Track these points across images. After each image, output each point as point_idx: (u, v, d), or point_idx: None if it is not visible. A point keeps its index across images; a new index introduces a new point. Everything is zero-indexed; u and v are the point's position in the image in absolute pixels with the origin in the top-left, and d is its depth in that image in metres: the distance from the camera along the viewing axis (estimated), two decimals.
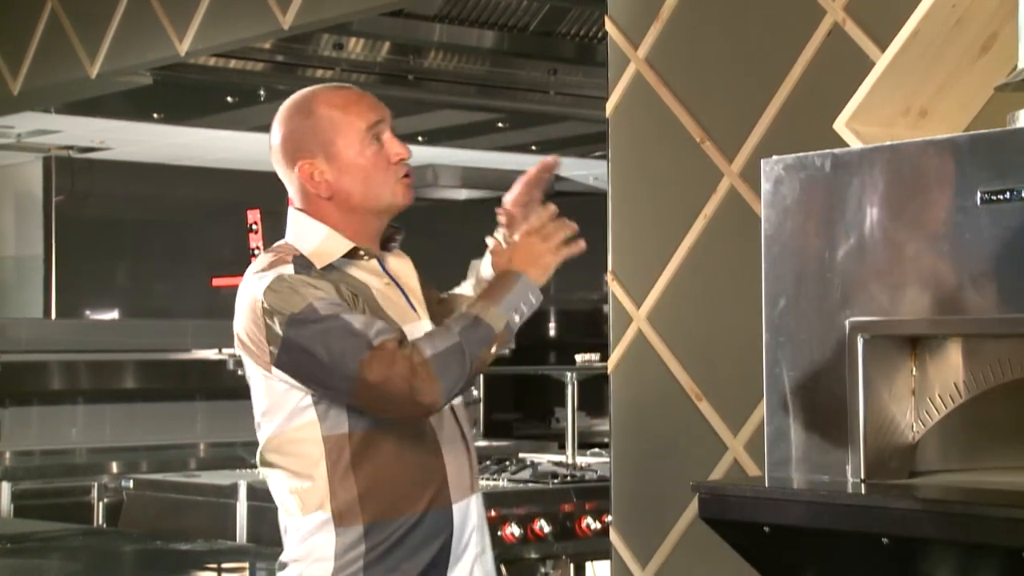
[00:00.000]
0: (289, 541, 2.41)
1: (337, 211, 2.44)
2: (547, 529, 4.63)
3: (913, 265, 1.99)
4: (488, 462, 5.30)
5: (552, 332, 8.83)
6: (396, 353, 2.26)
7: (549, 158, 2.60)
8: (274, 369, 2.35)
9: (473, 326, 2.32)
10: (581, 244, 2.44)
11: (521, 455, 5.63)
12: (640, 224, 3.14)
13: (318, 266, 2.37)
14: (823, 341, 2.08)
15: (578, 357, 5.63)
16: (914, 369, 2.09)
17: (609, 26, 3.19)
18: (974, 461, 2.16)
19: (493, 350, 2.36)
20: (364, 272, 2.42)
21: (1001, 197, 1.89)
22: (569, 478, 4.95)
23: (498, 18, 4.85)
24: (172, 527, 4.72)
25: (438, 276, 2.63)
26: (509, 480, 4.96)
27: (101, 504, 5.70)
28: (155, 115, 6.04)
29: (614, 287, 3.17)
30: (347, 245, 2.41)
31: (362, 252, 2.43)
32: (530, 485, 4.86)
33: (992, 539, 1.82)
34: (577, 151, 7.04)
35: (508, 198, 2.57)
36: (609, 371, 3.19)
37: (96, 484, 5.73)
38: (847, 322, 2.05)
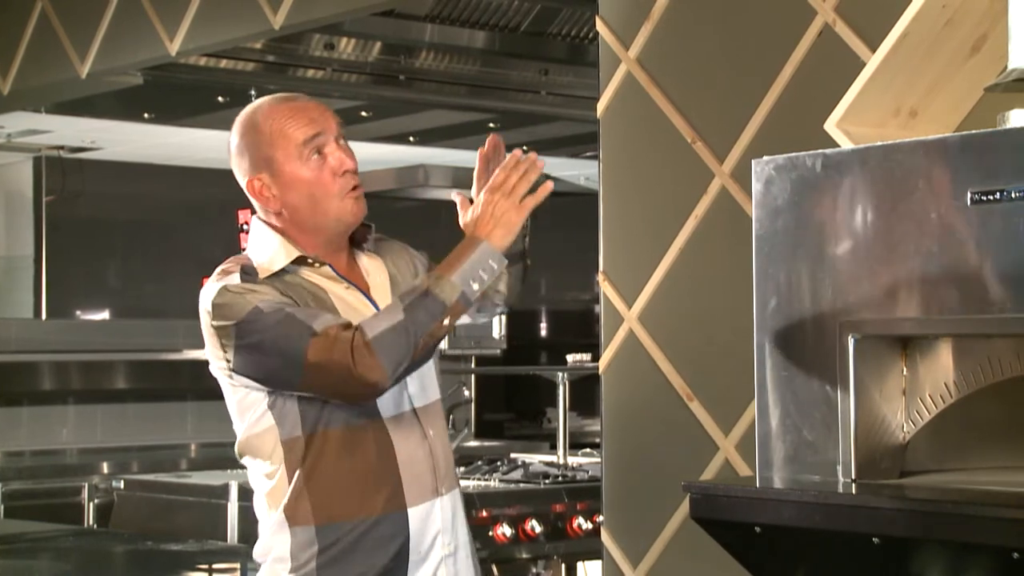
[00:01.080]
0: (259, 538, 2.47)
1: (292, 225, 2.44)
2: (538, 529, 4.63)
3: (904, 265, 1.99)
4: (479, 462, 5.30)
5: (543, 332, 8.83)
6: (339, 336, 2.25)
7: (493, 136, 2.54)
8: (234, 375, 2.39)
9: (420, 301, 2.27)
10: (548, 186, 2.36)
11: (512, 455, 5.63)
12: (631, 224, 3.14)
13: (262, 276, 2.38)
14: (814, 341, 2.08)
15: (569, 357, 5.63)
16: (905, 369, 2.09)
17: (600, 26, 3.19)
18: (964, 461, 2.17)
19: (446, 322, 2.30)
20: (320, 277, 2.43)
21: (991, 197, 1.90)
22: (560, 478, 4.95)
23: (489, 18, 4.85)
24: (163, 528, 4.72)
25: None
26: (500, 480, 4.96)
27: (92, 504, 5.69)
28: (146, 115, 6.03)
29: (605, 287, 3.17)
30: (293, 254, 2.41)
31: (310, 259, 2.42)
32: (521, 485, 4.86)
33: (982, 539, 1.82)
34: (568, 151, 7.04)
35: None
36: (600, 371, 3.19)
37: (87, 484, 5.72)
38: (838, 322, 2.05)
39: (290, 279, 2.40)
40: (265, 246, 2.45)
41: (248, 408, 2.41)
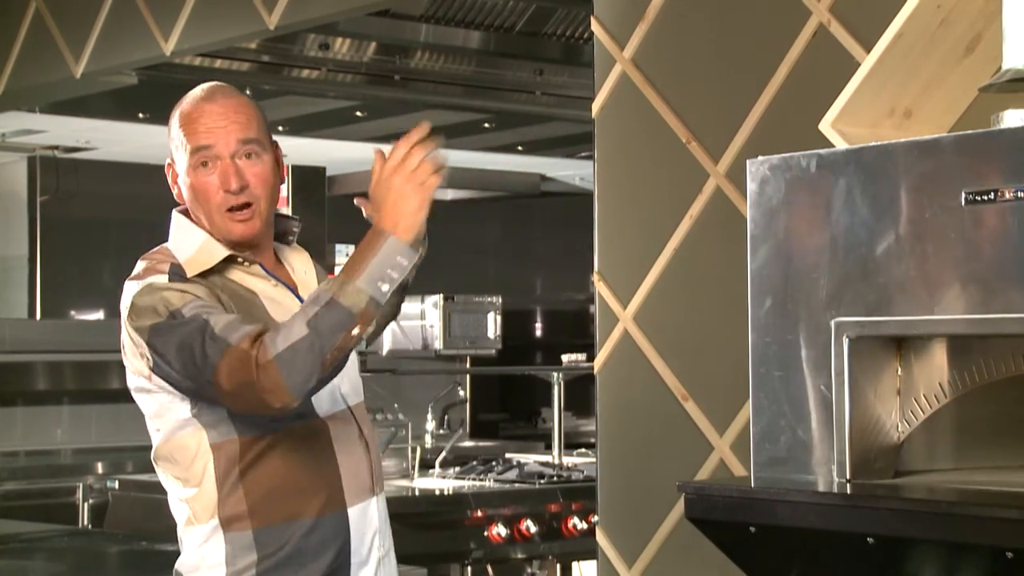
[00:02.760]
0: (183, 550, 2.39)
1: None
2: (533, 529, 4.63)
3: (898, 266, 2.00)
4: (475, 462, 5.31)
5: (538, 333, 8.83)
6: (246, 356, 2.12)
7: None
8: (154, 377, 2.31)
9: (326, 312, 2.10)
10: (443, 162, 2.13)
11: (507, 455, 5.64)
12: (626, 224, 3.14)
13: (190, 274, 2.31)
14: (809, 341, 2.09)
15: (564, 357, 5.63)
16: (899, 369, 2.09)
17: (595, 26, 3.19)
18: (959, 461, 2.17)
19: (356, 332, 2.13)
20: (249, 276, 2.36)
21: (985, 198, 1.90)
22: (555, 478, 4.95)
23: (484, 18, 4.85)
24: (158, 528, 4.71)
25: (424, 275, 2.59)
26: (495, 480, 4.96)
27: (86, 505, 5.68)
28: (140, 115, 6.03)
29: (600, 287, 3.17)
30: (223, 253, 2.33)
31: (240, 259, 2.35)
32: (516, 485, 4.87)
33: (977, 538, 1.83)
34: (563, 151, 7.04)
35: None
36: (595, 371, 3.19)
37: (81, 485, 5.72)
38: (832, 322, 2.06)
39: (217, 280, 2.33)
40: (189, 241, 2.37)
41: (168, 411, 2.32)
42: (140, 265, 2.38)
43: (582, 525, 4.71)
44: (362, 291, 2.12)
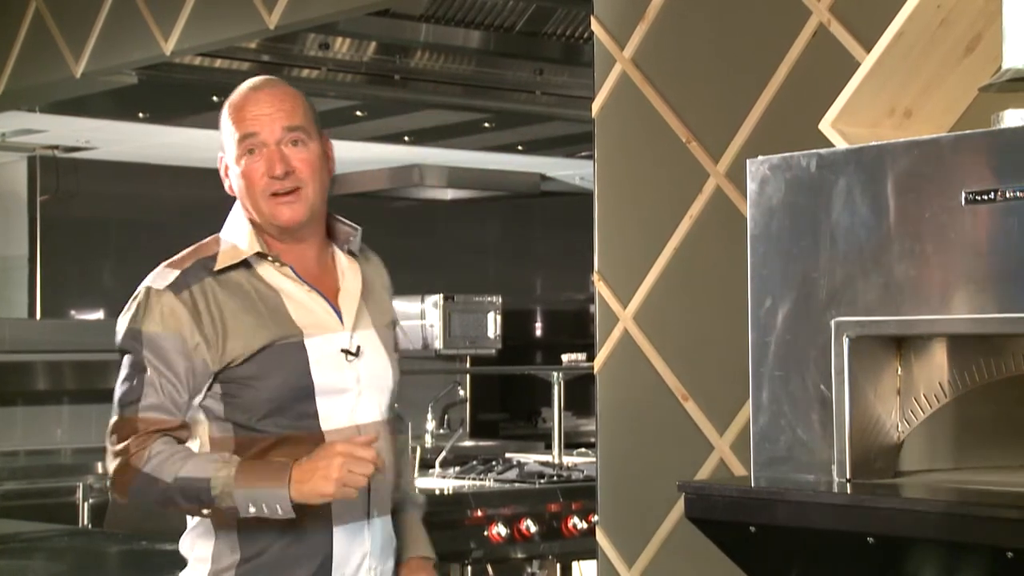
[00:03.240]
0: (184, 537, 2.44)
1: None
2: (533, 529, 4.63)
3: (898, 265, 2.00)
4: (474, 462, 5.30)
5: (538, 332, 8.83)
6: (131, 440, 2.28)
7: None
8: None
9: (194, 484, 2.23)
10: (352, 495, 2.24)
11: (507, 455, 5.64)
12: (626, 224, 3.14)
13: (219, 267, 2.35)
14: (809, 341, 2.09)
15: (564, 357, 5.63)
16: (899, 369, 2.09)
17: (595, 26, 3.19)
18: (959, 461, 2.17)
19: (205, 512, 2.29)
20: (278, 274, 2.38)
21: (985, 197, 1.90)
22: (555, 478, 4.95)
23: (484, 18, 4.85)
24: (158, 528, 4.71)
25: (424, 274, 2.60)
26: (495, 480, 4.96)
27: (86, 505, 5.68)
28: (140, 115, 6.02)
29: (600, 287, 3.17)
30: (253, 250, 2.37)
31: (270, 257, 2.37)
32: (516, 485, 4.87)
33: (977, 538, 1.83)
34: (563, 151, 7.04)
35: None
36: (595, 371, 3.19)
37: (81, 484, 5.71)
38: (832, 322, 2.06)
39: (246, 275, 2.36)
40: (237, 231, 2.41)
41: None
42: (176, 256, 2.44)
43: (582, 525, 4.71)
44: (233, 498, 2.23)
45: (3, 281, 7.41)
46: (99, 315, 7.43)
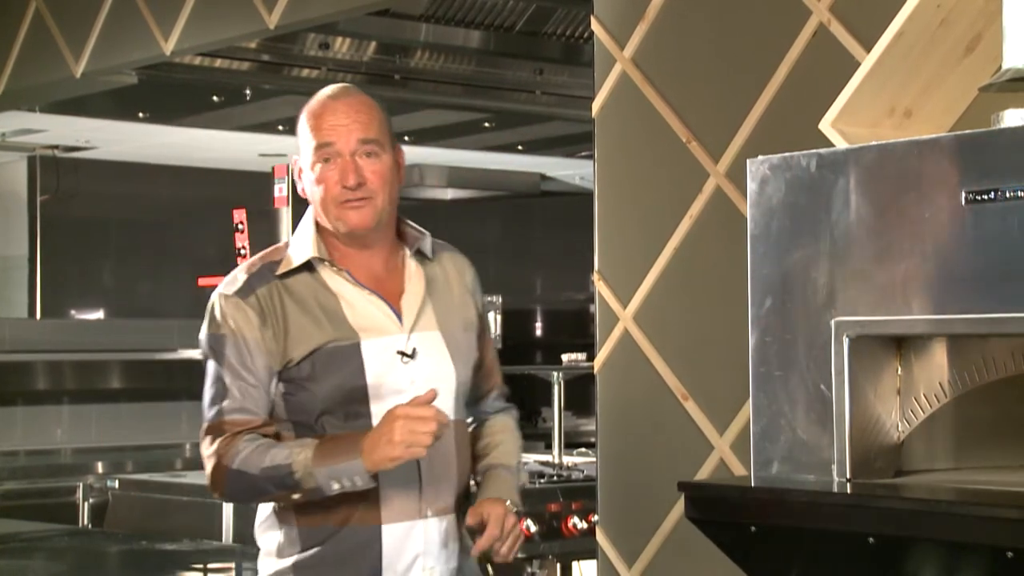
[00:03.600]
0: (256, 527, 2.51)
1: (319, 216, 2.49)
2: (534, 529, 4.63)
3: (898, 265, 2.00)
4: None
5: (538, 332, 8.83)
6: (219, 442, 2.37)
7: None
8: None
9: (279, 472, 2.33)
10: (420, 453, 2.30)
11: None
12: (626, 224, 3.14)
13: (282, 270, 2.43)
14: (809, 341, 2.09)
15: (564, 357, 5.63)
16: (899, 369, 2.09)
17: (595, 26, 3.19)
18: (959, 460, 2.17)
19: (295, 497, 2.36)
20: (337, 278, 2.44)
21: (985, 197, 1.90)
22: (555, 478, 4.95)
23: (484, 18, 4.85)
24: (158, 527, 4.71)
25: None
26: None
27: (86, 504, 5.68)
28: (140, 114, 6.02)
29: (600, 287, 3.17)
30: (310, 254, 2.44)
31: (327, 261, 2.44)
32: None
33: (977, 538, 1.83)
34: (563, 151, 7.04)
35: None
36: (595, 371, 3.19)
37: (81, 484, 5.71)
38: (832, 322, 2.06)
39: (308, 279, 2.43)
40: (302, 237, 2.49)
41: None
42: (248, 261, 2.51)
43: (582, 525, 4.70)
44: (314, 478, 2.32)
45: (3, 281, 7.41)
46: (99, 315, 7.43)
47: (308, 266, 2.44)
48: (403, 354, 2.41)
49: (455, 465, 2.46)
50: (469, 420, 2.60)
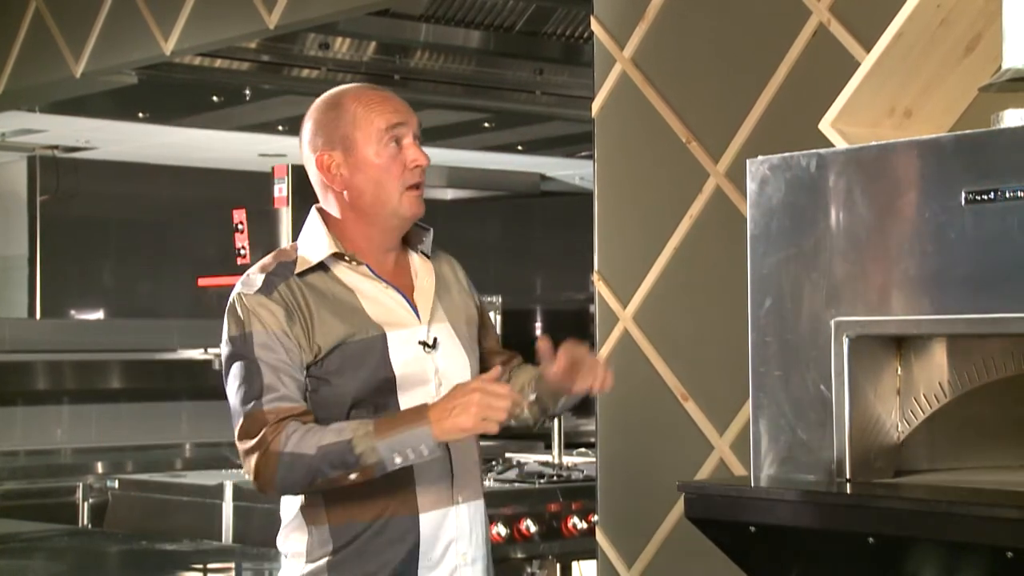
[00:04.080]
0: (280, 533, 2.48)
1: (350, 210, 2.46)
2: (533, 529, 4.63)
3: (898, 265, 2.00)
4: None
5: (538, 332, 8.83)
6: (265, 430, 2.31)
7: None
8: None
9: (339, 449, 2.27)
10: (493, 429, 2.27)
11: (507, 455, 5.63)
12: (626, 224, 3.14)
13: (299, 270, 2.40)
14: (808, 341, 2.09)
15: None
16: (899, 369, 2.09)
17: (595, 26, 3.19)
18: (959, 460, 2.17)
19: (353, 477, 2.29)
20: (354, 274, 2.44)
21: (985, 197, 1.90)
22: (555, 478, 4.95)
23: (484, 18, 4.85)
24: (158, 527, 4.71)
25: None
26: (495, 480, 4.95)
27: (86, 504, 5.68)
28: (140, 115, 6.02)
29: (600, 287, 3.17)
30: (330, 249, 2.42)
31: (347, 257, 2.43)
32: (516, 485, 4.86)
33: (977, 538, 1.83)
34: (563, 151, 7.04)
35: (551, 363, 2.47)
36: None
37: (81, 484, 5.71)
38: (832, 322, 2.06)
39: (323, 277, 2.42)
40: (312, 237, 2.47)
41: None
42: (261, 261, 2.47)
43: (582, 525, 4.70)
44: (377, 451, 2.27)
45: (3, 281, 7.41)
46: (99, 315, 7.43)
47: (321, 265, 2.43)
48: (425, 344, 2.42)
49: (476, 451, 2.49)
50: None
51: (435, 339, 2.43)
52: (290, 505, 2.45)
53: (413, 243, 2.52)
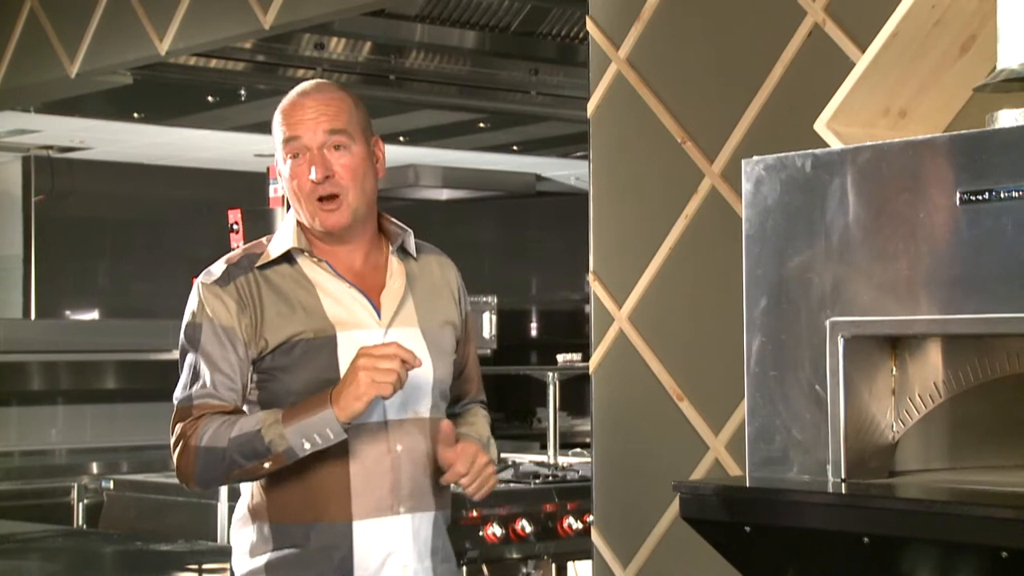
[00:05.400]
0: (232, 527, 2.50)
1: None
2: (529, 529, 4.63)
3: (893, 265, 2.00)
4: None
5: (534, 332, 8.83)
6: (183, 424, 2.35)
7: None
8: None
9: (248, 439, 2.30)
10: (387, 391, 2.27)
11: (503, 455, 5.63)
12: (621, 224, 3.14)
13: (260, 263, 2.41)
14: (804, 341, 2.09)
15: (560, 357, 5.63)
16: (894, 369, 2.09)
17: (590, 26, 3.19)
18: (954, 460, 2.17)
19: (267, 466, 2.31)
20: (318, 271, 2.43)
21: (980, 197, 1.90)
22: (551, 478, 4.95)
23: (479, 18, 4.85)
24: (152, 528, 4.71)
25: None
26: None
27: (81, 505, 5.68)
28: (135, 115, 6.02)
29: (595, 287, 3.17)
30: (286, 247, 2.42)
31: (307, 252, 2.43)
32: (512, 485, 4.86)
33: (972, 538, 1.83)
34: (558, 151, 7.04)
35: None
36: (591, 371, 3.19)
37: (76, 485, 5.71)
38: (827, 322, 2.06)
39: (288, 271, 2.42)
40: (282, 231, 2.47)
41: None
42: (238, 249, 2.51)
43: (577, 525, 4.71)
44: (285, 438, 2.29)
45: None
46: (94, 315, 7.42)
47: (289, 259, 2.42)
48: None
49: (432, 462, 2.43)
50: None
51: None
52: (242, 500, 2.45)
53: (392, 241, 2.50)
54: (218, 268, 2.43)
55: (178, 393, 2.40)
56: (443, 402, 2.51)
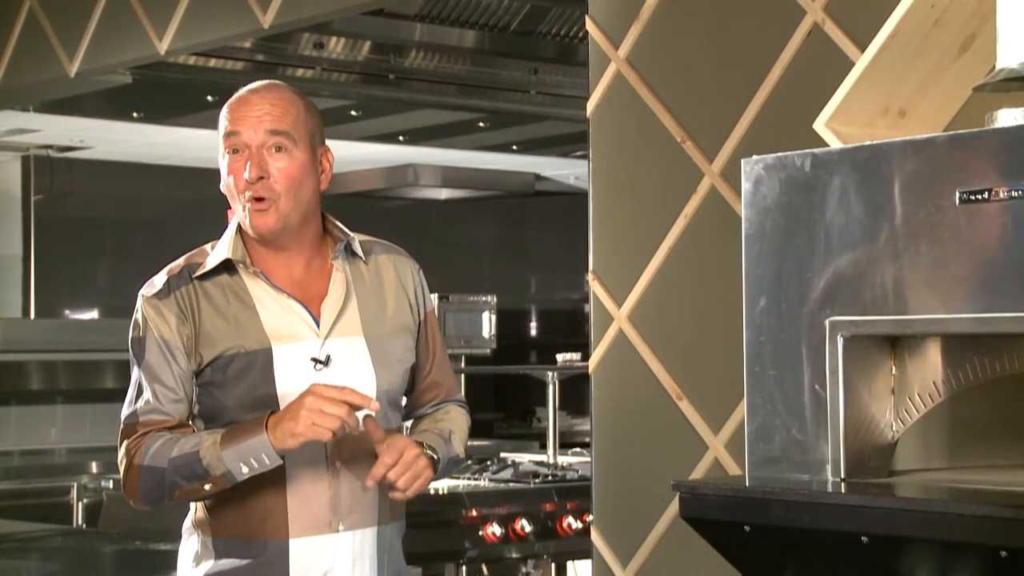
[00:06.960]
0: (182, 536, 2.48)
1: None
2: (528, 529, 4.63)
3: (892, 265, 2.00)
4: (469, 462, 5.30)
5: (533, 332, 8.83)
6: (128, 442, 2.34)
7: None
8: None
9: (187, 460, 2.27)
10: (325, 436, 2.21)
11: (502, 455, 5.64)
12: (621, 224, 3.14)
13: (198, 273, 2.36)
14: (803, 340, 2.09)
15: (559, 357, 5.64)
16: (894, 368, 2.09)
17: (590, 26, 3.19)
18: (953, 460, 2.17)
19: (207, 488, 2.27)
20: (254, 282, 2.36)
21: (980, 197, 1.90)
22: (550, 478, 4.95)
23: (479, 18, 4.85)
24: (152, 527, 4.70)
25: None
26: (490, 480, 4.96)
27: (80, 504, 5.68)
28: (135, 114, 6.02)
29: (595, 287, 3.17)
30: (220, 258, 2.37)
31: (243, 264, 2.36)
32: (511, 485, 4.86)
33: (971, 537, 1.83)
34: (558, 151, 7.05)
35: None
36: (590, 371, 3.19)
37: (75, 484, 5.71)
38: (827, 321, 2.06)
39: (228, 282, 2.36)
40: (223, 239, 2.42)
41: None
42: (180, 259, 2.46)
43: (577, 524, 4.71)
44: (223, 462, 2.25)
45: None
46: (93, 315, 7.42)
47: (229, 268, 2.36)
48: (316, 361, 2.32)
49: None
50: (408, 423, 2.52)
51: (328, 356, 2.32)
52: (189, 511, 2.43)
53: (336, 247, 2.41)
54: (160, 279, 2.38)
55: (125, 409, 2.38)
56: (394, 412, 2.44)
